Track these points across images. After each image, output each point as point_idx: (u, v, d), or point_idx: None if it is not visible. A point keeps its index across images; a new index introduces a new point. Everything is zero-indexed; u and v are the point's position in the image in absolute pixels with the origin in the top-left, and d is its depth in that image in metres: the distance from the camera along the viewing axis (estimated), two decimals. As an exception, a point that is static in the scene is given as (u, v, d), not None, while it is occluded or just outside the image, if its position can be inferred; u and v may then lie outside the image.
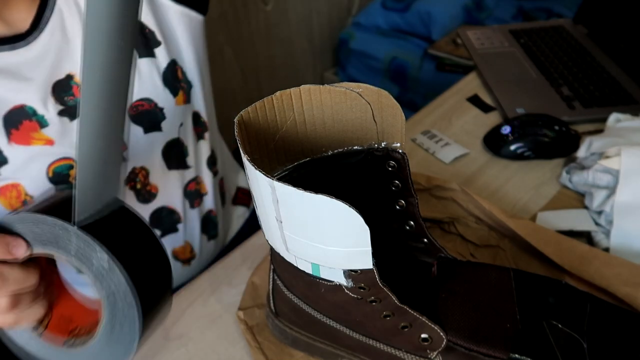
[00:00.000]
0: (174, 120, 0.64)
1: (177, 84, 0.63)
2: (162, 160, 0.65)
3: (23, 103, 0.53)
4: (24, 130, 0.54)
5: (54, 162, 0.56)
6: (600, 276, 0.46)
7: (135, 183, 0.64)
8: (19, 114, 0.53)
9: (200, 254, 0.74)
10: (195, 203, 0.72)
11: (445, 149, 0.68)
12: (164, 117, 0.62)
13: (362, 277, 0.33)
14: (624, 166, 0.53)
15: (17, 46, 0.53)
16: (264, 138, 0.36)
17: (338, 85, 0.35)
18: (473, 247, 0.54)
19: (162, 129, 0.63)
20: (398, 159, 0.39)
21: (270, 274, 0.43)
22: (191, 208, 0.71)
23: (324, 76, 2.09)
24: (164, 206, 0.68)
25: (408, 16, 1.78)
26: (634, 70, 0.77)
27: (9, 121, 0.53)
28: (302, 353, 0.45)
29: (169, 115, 0.63)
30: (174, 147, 0.66)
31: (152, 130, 0.62)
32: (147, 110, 0.61)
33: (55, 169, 0.56)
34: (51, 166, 0.56)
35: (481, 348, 0.37)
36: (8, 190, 0.55)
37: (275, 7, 1.71)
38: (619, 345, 0.37)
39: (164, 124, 0.63)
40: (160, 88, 0.61)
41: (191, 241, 0.73)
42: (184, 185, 0.70)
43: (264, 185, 0.30)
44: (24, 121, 0.54)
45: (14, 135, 0.53)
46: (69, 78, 0.56)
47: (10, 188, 0.55)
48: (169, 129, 0.64)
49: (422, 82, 1.70)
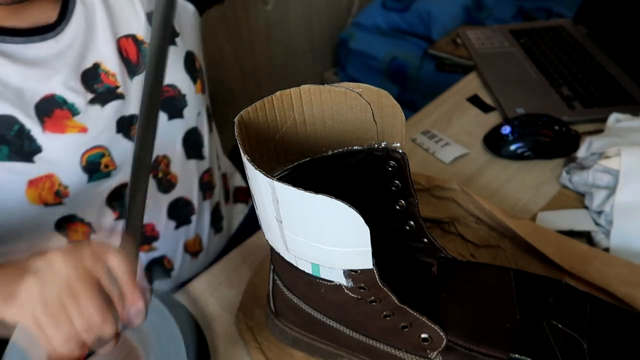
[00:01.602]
0: (194, 108, 0.65)
1: (195, 73, 0.65)
2: (182, 149, 0.66)
3: (52, 92, 0.54)
4: (57, 118, 0.54)
5: (87, 151, 0.56)
6: (600, 276, 0.46)
7: (158, 172, 0.65)
8: (50, 102, 0.54)
9: (207, 247, 0.75)
10: (207, 195, 0.73)
11: (445, 149, 0.68)
12: (185, 104, 0.64)
13: (362, 277, 0.33)
14: (624, 166, 0.53)
15: (46, 37, 0.54)
16: (264, 138, 0.36)
17: (338, 85, 0.35)
18: (473, 247, 0.54)
19: (184, 116, 0.64)
20: (398, 159, 0.39)
21: (270, 274, 0.43)
22: (203, 200, 0.72)
23: (324, 76, 2.09)
24: (182, 197, 0.68)
25: (408, 16, 1.78)
26: (634, 70, 0.77)
27: (41, 110, 0.54)
28: (302, 353, 0.45)
29: (190, 102, 0.64)
30: (193, 136, 0.67)
31: (175, 117, 0.63)
32: (172, 96, 0.62)
33: (88, 158, 0.57)
34: (84, 155, 0.56)
35: (481, 348, 0.37)
36: (42, 181, 0.56)
37: (275, 7, 1.71)
38: (619, 345, 0.37)
39: (186, 111, 0.64)
40: (182, 74, 0.63)
41: (201, 234, 0.74)
42: (200, 176, 0.70)
43: (264, 185, 0.30)
44: (55, 110, 0.54)
45: (47, 123, 0.54)
46: (97, 66, 0.57)
47: (44, 179, 0.56)
48: (189, 117, 0.65)
49: (422, 82, 1.70)
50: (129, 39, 0.59)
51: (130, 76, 0.59)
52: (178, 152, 0.66)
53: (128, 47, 0.59)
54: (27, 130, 0.53)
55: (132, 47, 0.59)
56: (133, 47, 0.59)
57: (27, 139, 0.53)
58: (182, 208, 0.69)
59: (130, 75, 0.59)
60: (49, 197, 0.57)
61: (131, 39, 0.60)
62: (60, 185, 0.56)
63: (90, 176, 0.58)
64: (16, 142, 0.53)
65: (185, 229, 0.71)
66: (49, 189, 0.56)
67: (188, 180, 0.68)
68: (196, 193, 0.70)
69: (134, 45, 0.60)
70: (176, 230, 0.70)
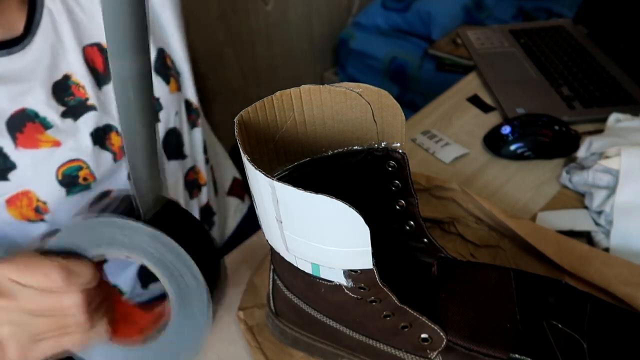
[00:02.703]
0: (170, 108, 0.64)
1: (167, 71, 0.63)
2: (161, 151, 0.65)
3: (23, 107, 0.53)
4: (29, 132, 0.53)
5: (62, 165, 0.56)
6: (600, 276, 0.46)
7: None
8: (21, 117, 0.53)
9: None
10: (194, 193, 0.72)
11: (445, 149, 0.68)
12: (160, 107, 0.63)
13: (362, 277, 0.33)
14: (624, 166, 0.53)
15: (13, 51, 0.53)
16: (264, 138, 0.36)
17: (338, 85, 0.35)
18: (473, 247, 0.54)
19: (160, 119, 0.63)
20: (398, 159, 0.39)
21: (270, 274, 0.43)
22: (191, 199, 0.71)
23: (324, 76, 2.09)
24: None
25: (408, 16, 1.78)
26: (634, 70, 0.77)
27: (13, 126, 0.53)
28: (302, 353, 0.45)
29: (165, 104, 0.63)
30: (172, 137, 0.66)
31: None
32: None
33: (64, 171, 0.56)
34: (60, 168, 0.56)
35: (481, 348, 0.37)
36: (18, 199, 0.55)
37: (275, 7, 1.71)
38: (619, 345, 0.37)
39: (162, 114, 0.63)
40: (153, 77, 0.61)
41: None
42: (184, 175, 0.70)
43: (264, 185, 0.30)
44: (27, 123, 0.53)
45: (19, 139, 0.53)
46: (67, 78, 0.56)
47: (20, 197, 0.55)
48: (166, 119, 0.64)
49: (422, 82, 1.70)
50: (94, 47, 0.58)
51: (99, 86, 0.58)
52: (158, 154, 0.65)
53: (94, 56, 0.58)
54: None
55: (97, 55, 0.58)
56: (99, 56, 0.58)
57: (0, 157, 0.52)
58: None
59: (99, 85, 0.58)
60: (30, 213, 0.56)
61: (96, 47, 0.58)
62: (38, 201, 0.56)
63: (68, 190, 0.57)
64: None
65: None
66: (27, 206, 0.55)
67: (172, 181, 0.67)
68: (182, 193, 0.69)
69: (99, 54, 0.58)
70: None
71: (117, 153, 0.60)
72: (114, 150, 0.59)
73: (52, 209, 0.57)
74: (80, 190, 0.58)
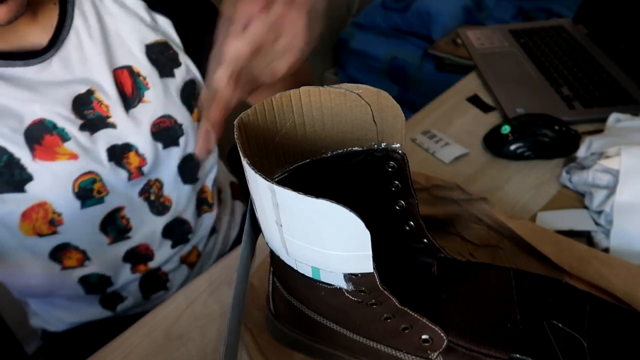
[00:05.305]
0: (191, 135, 0.65)
1: (193, 102, 0.65)
2: (177, 175, 0.66)
3: (42, 117, 0.54)
4: (47, 145, 0.54)
5: (79, 177, 0.56)
6: (599, 276, 0.46)
7: (149, 194, 0.65)
8: (39, 128, 0.54)
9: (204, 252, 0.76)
10: (203, 209, 0.73)
11: (445, 149, 0.68)
12: (182, 133, 0.64)
13: (362, 281, 0.33)
14: (624, 166, 0.53)
15: (30, 63, 0.54)
16: (264, 140, 0.36)
17: (338, 86, 0.35)
18: (473, 247, 0.54)
19: (179, 144, 0.64)
20: (398, 160, 0.39)
21: (270, 277, 0.43)
22: (199, 217, 0.72)
23: (323, 76, 2.09)
24: (177, 218, 0.69)
25: (408, 16, 1.78)
26: (634, 70, 0.77)
27: (31, 137, 0.53)
28: (302, 355, 0.45)
29: (187, 131, 0.64)
30: (189, 162, 0.67)
31: (170, 145, 0.64)
32: (168, 126, 0.62)
33: (80, 184, 0.56)
34: (76, 181, 0.56)
35: (482, 348, 0.37)
36: (34, 211, 0.55)
37: (275, 7, 1.71)
38: (619, 345, 0.37)
39: (182, 140, 0.64)
40: (178, 105, 0.63)
41: (198, 246, 0.74)
42: (196, 197, 0.71)
43: (263, 189, 0.30)
44: (45, 135, 0.54)
45: (37, 151, 0.53)
46: (90, 93, 0.57)
47: (36, 209, 0.55)
48: (186, 145, 0.65)
49: (422, 82, 1.70)
50: (124, 70, 0.59)
51: (125, 108, 0.59)
52: (172, 176, 0.66)
53: (123, 79, 0.59)
54: (16, 160, 0.52)
55: (127, 79, 0.59)
56: (128, 79, 0.59)
57: (17, 168, 0.53)
58: (177, 227, 0.69)
59: (125, 107, 0.59)
60: (43, 227, 0.56)
61: (126, 70, 0.59)
62: (54, 213, 0.56)
63: (83, 202, 0.57)
64: (6, 173, 0.52)
65: (181, 247, 0.71)
66: (42, 219, 0.56)
67: (184, 203, 0.69)
68: (192, 213, 0.70)
69: (129, 77, 0.59)
70: (173, 249, 0.70)
71: (132, 173, 0.61)
72: (130, 170, 0.60)
73: (66, 221, 0.57)
74: (94, 204, 0.59)
